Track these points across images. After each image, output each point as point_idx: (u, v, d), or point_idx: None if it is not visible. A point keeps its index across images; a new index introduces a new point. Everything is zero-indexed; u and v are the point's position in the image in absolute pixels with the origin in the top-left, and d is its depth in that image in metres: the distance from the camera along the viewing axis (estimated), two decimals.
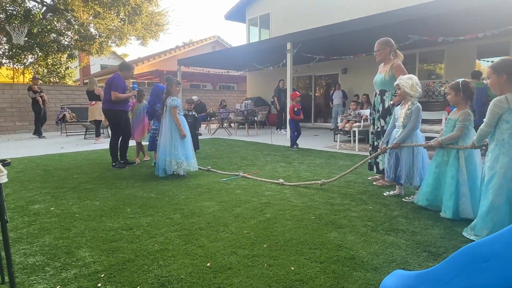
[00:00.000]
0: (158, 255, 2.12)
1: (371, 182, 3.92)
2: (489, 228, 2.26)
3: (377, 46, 3.80)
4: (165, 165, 4.24)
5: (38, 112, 9.73)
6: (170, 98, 4.31)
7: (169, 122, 4.29)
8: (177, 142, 4.27)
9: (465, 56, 8.87)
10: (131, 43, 21.29)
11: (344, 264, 1.98)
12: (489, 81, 2.34)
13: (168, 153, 4.24)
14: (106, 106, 4.88)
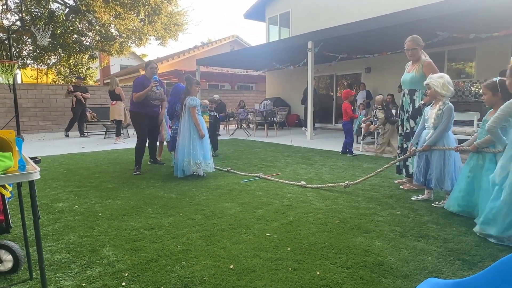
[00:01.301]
0: (180, 256, 2.10)
1: (397, 185, 3.78)
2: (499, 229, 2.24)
3: (412, 44, 3.55)
4: (183, 165, 4.23)
5: (74, 111, 9.92)
6: (189, 98, 4.30)
7: (188, 122, 4.28)
8: (196, 142, 4.26)
9: (499, 53, 8.46)
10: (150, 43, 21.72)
11: (372, 270, 1.90)
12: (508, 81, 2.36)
13: (186, 153, 4.23)
14: (130, 108, 4.83)
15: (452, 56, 9.58)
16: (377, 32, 7.40)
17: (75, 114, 9.89)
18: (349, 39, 8.16)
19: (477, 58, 9.00)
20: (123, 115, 8.87)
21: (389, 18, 6.83)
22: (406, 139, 3.68)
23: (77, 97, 9.78)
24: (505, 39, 7.93)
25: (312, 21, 12.40)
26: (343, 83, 13.12)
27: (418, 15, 6.29)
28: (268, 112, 10.95)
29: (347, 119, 6.08)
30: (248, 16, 15.77)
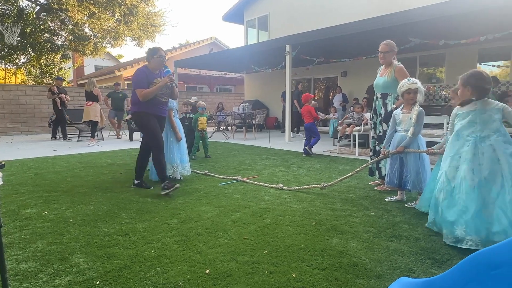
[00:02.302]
0: (155, 262, 2.05)
1: (372, 187, 3.87)
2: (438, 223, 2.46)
3: (385, 47, 3.66)
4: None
5: (58, 113, 9.52)
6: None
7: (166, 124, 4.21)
8: (173, 145, 4.21)
9: (466, 60, 8.88)
10: (126, 44, 21.22)
11: (347, 271, 1.93)
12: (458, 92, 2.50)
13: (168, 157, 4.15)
14: (132, 109, 3.85)
15: (424, 62, 9.96)
16: (353, 37, 7.58)
17: (62, 116, 9.52)
18: (326, 43, 8.31)
19: (446, 64, 9.40)
20: (99, 116, 8.63)
21: (364, 23, 7.01)
22: (379, 142, 3.77)
23: (62, 99, 9.42)
24: (472, 46, 8.33)
25: (290, 25, 12.55)
26: (320, 86, 13.34)
27: (391, 21, 6.50)
28: (246, 114, 10.96)
29: (311, 121, 6.30)
30: (227, 18, 15.76)
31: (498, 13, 5.74)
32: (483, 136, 2.31)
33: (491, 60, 8.68)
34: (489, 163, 2.25)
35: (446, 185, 2.40)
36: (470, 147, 2.32)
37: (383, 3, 9.85)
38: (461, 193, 2.29)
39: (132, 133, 9.54)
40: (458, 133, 2.42)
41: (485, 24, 6.36)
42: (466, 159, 2.31)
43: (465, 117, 2.39)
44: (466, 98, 2.42)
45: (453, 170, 2.37)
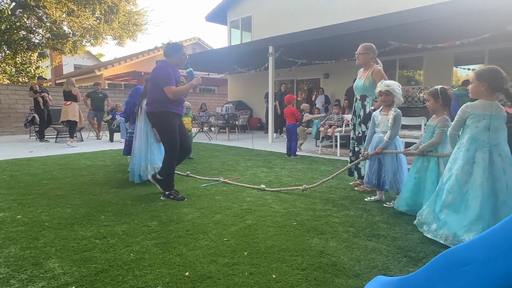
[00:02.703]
0: (133, 265, 2.02)
1: (352, 187, 3.93)
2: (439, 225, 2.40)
3: (361, 49, 3.75)
4: (140, 170, 4.08)
5: (40, 113, 9.18)
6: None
7: (145, 125, 4.14)
8: (154, 146, 4.14)
9: (443, 63, 9.16)
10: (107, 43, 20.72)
11: (326, 271, 1.95)
12: (470, 86, 2.42)
13: (143, 158, 4.09)
14: (151, 108, 3.37)
15: (403, 64, 10.21)
16: (335, 39, 7.70)
17: (43, 116, 9.19)
18: (308, 45, 8.40)
19: (424, 67, 9.66)
20: (78, 116, 8.41)
21: (345, 26, 7.13)
22: (358, 143, 3.84)
23: (44, 98, 9.11)
24: (448, 50, 8.61)
25: (273, 26, 12.61)
26: (303, 88, 13.46)
27: (371, 24, 6.63)
28: (230, 115, 10.94)
29: (293, 122, 6.34)
30: (210, 19, 15.68)
31: (472, 19, 5.96)
32: (494, 144, 2.29)
33: (466, 64, 8.99)
34: (499, 173, 2.25)
35: (456, 189, 2.34)
36: (487, 154, 2.27)
37: (364, 6, 10.04)
38: (476, 200, 2.25)
39: (113, 134, 9.35)
40: (474, 137, 2.32)
41: (460, 29, 6.58)
42: (484, 166, 2.26)
43: (480, 120, 2.31)
44: (478, 93, 2.35)
45: (466, 175, 2.31)
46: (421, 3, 6.31)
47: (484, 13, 5.59)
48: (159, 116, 3.36)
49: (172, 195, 3.43)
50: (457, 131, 2.43)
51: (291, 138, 6.33)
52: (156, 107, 3.35)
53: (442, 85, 2.90)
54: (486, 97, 2.33)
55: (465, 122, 2.38)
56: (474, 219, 2.23)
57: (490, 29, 5.96)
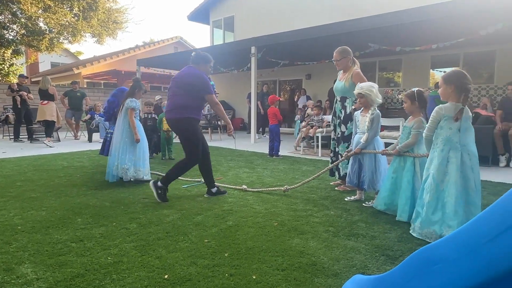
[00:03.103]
0: (111, 269, 1.98)
1: (333, 187, 3.99)
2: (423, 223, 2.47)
3: (338, 55, 3.82)
4: (113, 169, 4.02)
5: (17, 113, 8.78)
6: (130, 99, 4.09)
7: (123, 123, 4.07)
8: (126, 146, 4.04)
9: (421, 65, 9.43)
10: (85, 40, 20.21)
11: (305, 271, 1.97)
12: (440, 90, 2.51)
13: (116, 157, 4.02)
14: (176, 114, 3.29)
15: (383, 66, 10.44)
16: (316, 41, 7.78)
17: (19, 116, 8.82)
18: (291, 46, 8.46)
19: (403, 69, 9.92)
20: (56, 116, 8.15)
21: (327, 28, 7.23)
22: (338, 143, 3.91)
23: (22, 96, 8.73)
24: (425, 53, 8.87)
25: (256, 27, 12.63)
26: (286, 88, 13.55)
27: (353, 27, 6.75)
28: (212, 115, 10.87)
29: (276, 123, 6.37)
30: (192, 18, 15.55)
31: (447, 24, 6.16)
32: (464, 144, 2.39)
33: (442, 67, 9.29)
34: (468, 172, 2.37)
35: (434, 187, 2.43)
36: (459, 154, 2.38)
37: (347, 9, 10.20)
38: (451, 197, 2.36)
39: (91, 134, 9.13)
40: (448, 139, 2.41)
41: (437, 33, 6.80)
42: (457, 165, 2.36)
43: (452, 122, 2.40)
44: (447, 96, 2.46)
45: (442, 174, 2.41)
46: (400, 7, 6.48)
47: (458, 18, 5.79)
48: (186, 123, 3.30)
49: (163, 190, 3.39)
50: (432, 133, 2.50)
51: (273, 138, 6.35)
52: (182, 113, 3.28)
53: (418, 88, 2.98)
54: (455, 99, 2.44)
55: (438, 124, 2.47)
56: (451, 216, 2.34)
57: (464, 34, 6.17)
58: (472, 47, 8.28)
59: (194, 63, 3.46)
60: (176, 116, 3.31)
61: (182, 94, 3.31)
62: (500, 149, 5.39)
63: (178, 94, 3.33)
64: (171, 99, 3.40)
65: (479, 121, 5.66)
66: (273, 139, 6.34)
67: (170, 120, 3.39)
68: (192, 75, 3.34)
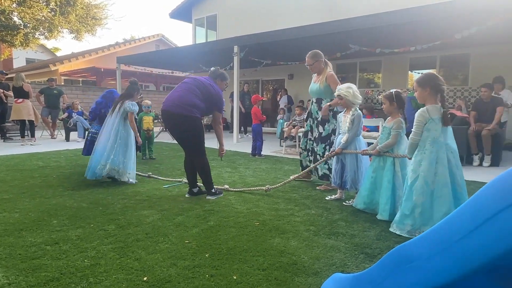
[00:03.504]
0: (88, 272, 1.92)
1: (314, 186, 4.03)
2: (412, 224, 2.52)
3: (310, 60, 3.94)
4: (97, 167, 3.91)
5: None
6: (130, 102, 4.07)
7: (118, 124, 4.01)
8: (120, 148, 4.00)
9: (399, 67, 9.66)
10: (63, 36, 19.61)
11: (286, 270, 1.98)
12: (416, 93, 2.58)
13: (106, 156, 3.92)
14: (189, 111, 3.29)
15: (363, 67, 10.64)
16: (299, 41, 7.84)
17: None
18: (273, 46, 8.48)
19: (383, 70, 10.14)
20: (33, 114, 7.86)
21: (309, 28, 7.29)
22: (317, 144, 4.00)
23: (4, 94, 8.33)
24: (404, 55, 9.09)
25: (238, 26, 12.60)
26: (268, 88, 13.58)
27: (334, 28, 6.83)
28: None
29: (258, 122, 6.39)
30: (174, 16, 15.36)
31: (424, 27, 6.34)
32: (446, 143, 2.49)
33: (420, 68, 9.55)
34: (454, 169, 2.46)
35: (426, 189, 2.47)
36: (445, 153, 2.46)
37: (329, 10, 10.32)
38: (443, 197, 2.42)
39: (69, 133, 8.87)
40: (436, 140, 2.47)
41: (415, 36, 6.98)
42: (444, 165, 2.44)
43: (438, 122, 2.47)
44: (424, 99, 2.53)
45: (432, 175, 2.46)
46: (380, 10, 6.62)
47: (435, 22, 5.97)
48: (196, 121, 3.36)
49: (217, 190, 3.58)
50: (419, 136, 2.54)
51: (256, 138, 6.36)
52: (192, 112, 3.31)
53: (396, 89, 3.05)
54: (433, 101, 2.53)
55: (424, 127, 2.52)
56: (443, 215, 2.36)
57: (440, 37, 6.37)
58: (448, 50, 8.56)
59: (211, 77, 3.59)
60: (184, 112, 3.28)
61: (198, 95, 3.36)
62: (473, 149, 5.59)
63: (194, 93, 3.35)
64: (184, 94, 3.35)
65: (454, 121, 5.85)
66: (256, 138, 6.35)
67: (174, 115, 3.31)
68: (214, 87, 3.47)
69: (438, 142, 2.48)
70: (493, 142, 5.46)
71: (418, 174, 2.51)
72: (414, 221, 2.50)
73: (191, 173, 3.57)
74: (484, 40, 7.48)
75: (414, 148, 2.60)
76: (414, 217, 2.50)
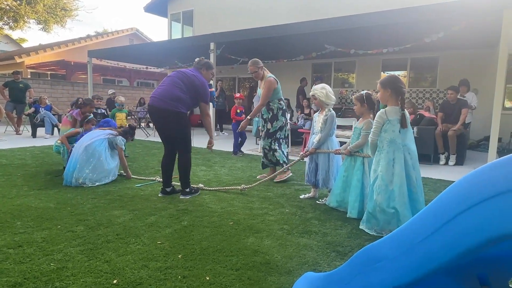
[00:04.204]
0: (54, 276, 1.85)
1: (289, 185, 4.07)
2: (377, 223, 2.60)
3: (254, 68, 4.31)
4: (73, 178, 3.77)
5: None
6: (122, 138, 4.19)
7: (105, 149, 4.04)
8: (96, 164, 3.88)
9: (372, 68, 9.93)
10: (29, 27, 18.61)
11: (259, 270, 1.99)
12: (378, 94, 2.69)
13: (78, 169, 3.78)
14: (175, 107, 3.24)
15: (338, 67, 10.84)
16: (275, 40, 7.87)
17: None
18: (249, 44, 8.47)
19: (356, 71, 10.38)
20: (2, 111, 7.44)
21: (285, 27, 7.33)
22: (263, 138, 4.42)
23: None
24: (377, 57, 9.36)
25: (215, 23, 12.48)
26: (245, 86, 13.56)
27: (310, 28, 6.91)
28: None
29: (234, 121, 6.50)
30: (149, 9, 14.98)
31: (396, 30, 6.54)
32: (404, 144, 2.56)
33: (392, 70, 9.87)
34: (410, 170, 2.55)
35: (384, 189, 2.53)
36: (402, 154, 2.54)
37: (306, 10, 10.42)
38: (401, 196, 2.50)
39: (36, 129, 8.46)
40: (393, 140, 2.55)
41: (387, 38, 7.19)
42: (401, 165, 2.52)
43: (395, 124, 2.56)
44: (386, 100, 2.63)
45: (390, 175, 2.53)
46: (358, 11, 6.76)
47: (407, 25, 6.17)
48: (182, 117, 3.31)
49: (193, 189, 3.52)
50: (377, 137, 2.64)
51: (233, 136, 6.38)
52: (177, 107, 3.26)
53: (368, 90, 3.13)
54: (393, 102, 2.63)
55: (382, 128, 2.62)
56: (400, 214, 2.48)
57: (411, 40, 6.60)
58: (418, 53, 8.88)
59: (197, 68, 3.54)
60: (169, 107, 3.23)
61: (182, 88, 3.31)
62: (440, 148, 5.85)
63: (178, 86, 3.31)
64: (168, 88, 3.30)
65: (423, 122, 6.09)
66: (233, 136, 6.39)
67: (160, 109, 3.26)
68: (198, 78, 3.42)
69: (395, 143, 2.56)
70: (458, 142, 5.73)
71: (377, 174, 2.60)
72: (378, 220, 2.59)
73: (167, 172, 3.51)
74: (451, 45, 7.83)
75: (374, 148, 2.70)
76: (377, 216, 2.58)
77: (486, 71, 8.03)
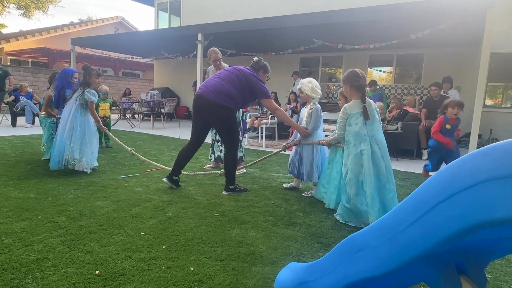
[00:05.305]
0: (33, 266, 1.81)
1: (275, 177, 4.09)
2: (352, 215, 2.66)
3: (218, 55, 4.56)
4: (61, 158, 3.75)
5: None
6: (89, 91, 3.91)
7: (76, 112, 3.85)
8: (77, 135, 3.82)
9: (359, 63, 9.98)
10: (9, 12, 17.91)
11: (244, 260, 2.00)
12: (343, 89, 2.81)
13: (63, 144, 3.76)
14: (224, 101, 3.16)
15: (326, 62, 10.88)
16: (262, 33, 7.83)
17: None
18: (237, 36, 8.40)
19: (344, 65, 10.43)
20: None
21: (273, 20, 7.29)
22: None
23: None
24: (364, 52, 9.43)
25: (203, 13, 12.29)
26: None
27: (298, 21, 6.90)
28: (155, 102, 10.44)
29: None
30: None
31: (383, 26, 6.60)
32: (372, 135, 2.63)
33: (379, 66, 9.98)
34: (379, 160, 2.61)
35: (354, 181, 2.62)
36: (368, 145, 2.61)
37: (293, 2, 10.37)
38: (368, 187, 2.57)
39: (16, 118, 8.21)
40: (357, 133, 2.64)
41: (374, 34, 7.25)
42: (368, 156, 2.59)
43: (358, 117, 2.64)
44: (349, 94, 2.73)
45: (359, 167, 2.61)
46: (349, 6, 6.78)
47: (394, 22, 6.24)
48: (229, 111, 3.23)
49: (238, 187, 3.41)
50: (343, 131, 2.75)
51: None
52: (227, 102, 3.18)
53: None
54: (355, 97, 2.71)
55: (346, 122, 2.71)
56: (371, 203, 2.56)
57: (397, 36, 6.67)
58: (404, 49, 8.99)
59: (254, 68, 3.43)
60: (219, 101, 3.16)
61: (237, 86, 3.22)
62: (423, 143, 5.97)
63: (232, 83, 3.22)
64: (222, 82, 3.22)
65: (407, 118, 6.20)
66: None
67: (208, 102, 3.17)
68: (255, 77, 3.31)
69: (359, 135, 2.64)
70: None
71: (347, 167, 2.68)
72: (351, 211, 2.65)
73: (182, 161, 3.46)
74: (436, 42, 7.96)
75: (343, 142, 2.80)
76: (351, 208, 2.64)
77: (469, 69, 8.21)
